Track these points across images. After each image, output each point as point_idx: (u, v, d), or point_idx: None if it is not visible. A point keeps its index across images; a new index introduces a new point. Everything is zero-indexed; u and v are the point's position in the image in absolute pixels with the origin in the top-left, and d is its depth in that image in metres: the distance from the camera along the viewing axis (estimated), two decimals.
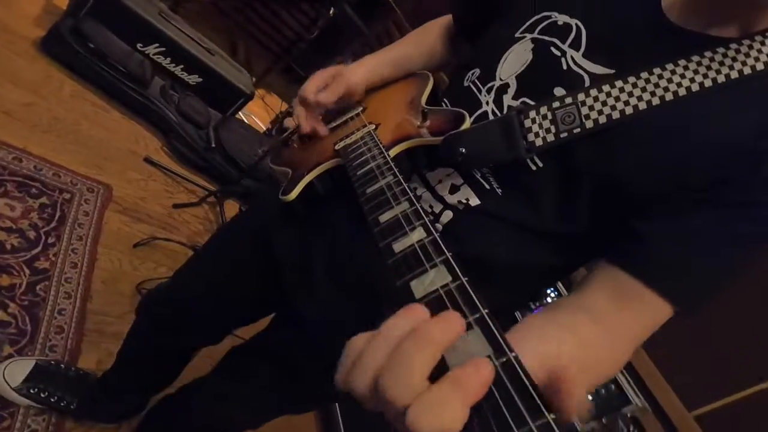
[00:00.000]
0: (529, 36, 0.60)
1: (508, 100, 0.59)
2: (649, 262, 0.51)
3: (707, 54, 0.50)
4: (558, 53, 0.57)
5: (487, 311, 0.28)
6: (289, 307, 0.73)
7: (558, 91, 0.55)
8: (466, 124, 0.58)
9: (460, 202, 0.61)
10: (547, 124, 0.54)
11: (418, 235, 0.37)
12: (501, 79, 0.61)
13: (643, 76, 0.51)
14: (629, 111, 0.51)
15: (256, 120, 3.03)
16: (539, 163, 0.56)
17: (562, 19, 0.59)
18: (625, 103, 0.51)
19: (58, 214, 1.53)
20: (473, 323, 0.28)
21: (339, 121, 0.77)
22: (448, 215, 0.62)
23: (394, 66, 0.81)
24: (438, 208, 0.62)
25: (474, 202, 0.60)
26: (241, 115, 2.71)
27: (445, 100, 0.69)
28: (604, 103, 0.52)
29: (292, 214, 0.70)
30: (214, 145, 2.19)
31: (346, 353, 0.27)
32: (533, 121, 0.55)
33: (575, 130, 0.53)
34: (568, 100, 0.54)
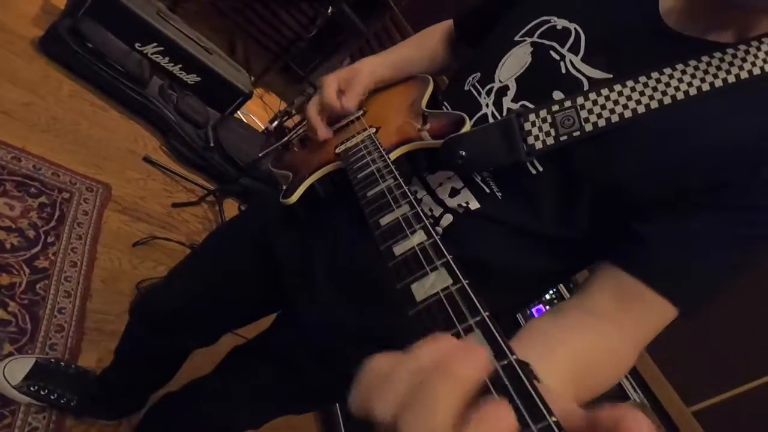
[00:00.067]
0: (528, 40, 0.60)
1: (507, 102, 0.59)
2: (650, 263, 0.52)
3: (705, 59, 0.51)
4: (557, 57, 0.57)
5: (487, 314, 0.28)
6: (289, 308, 0.73)
7: (557, 94, 0.56)
8: (467, 127, 0.58)
9: (460, 206, 0.61)
10: (546, 127, 0.54)
11: (418, 238, 0.37)
12: (500, 81, 0.61)
13: (642, 80, 0.52)
14: (628, 114, 0.51)
15: (255, 119, 3.02)
16: (539, 167, 0.56)
17: (561, 23, 0.59)
18: (624, 106, 0.52)
19: (57, 214, 1.53)
20: (474, 326, 0.28)
21: (340, 124, 0.77)
22: (448, 219, 0.62)
23: (395, 68, 0.81)
24: (438, 211, 0.62)
25: (474, 205, 0.60)
26: (240, 114, 2.71)
27: (446, 104, 0.69)
28: (603, 107, 0.52)
29: (292, 217, 0.70)
30: (213, 144, 2.19)
31: (367, 375, 0.24)
32: (533, 124, 0.55)
33: (575, 134, 0.53)
34: (568, 104, 0.54)
